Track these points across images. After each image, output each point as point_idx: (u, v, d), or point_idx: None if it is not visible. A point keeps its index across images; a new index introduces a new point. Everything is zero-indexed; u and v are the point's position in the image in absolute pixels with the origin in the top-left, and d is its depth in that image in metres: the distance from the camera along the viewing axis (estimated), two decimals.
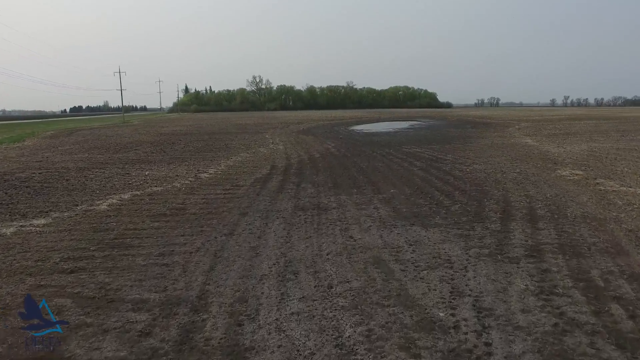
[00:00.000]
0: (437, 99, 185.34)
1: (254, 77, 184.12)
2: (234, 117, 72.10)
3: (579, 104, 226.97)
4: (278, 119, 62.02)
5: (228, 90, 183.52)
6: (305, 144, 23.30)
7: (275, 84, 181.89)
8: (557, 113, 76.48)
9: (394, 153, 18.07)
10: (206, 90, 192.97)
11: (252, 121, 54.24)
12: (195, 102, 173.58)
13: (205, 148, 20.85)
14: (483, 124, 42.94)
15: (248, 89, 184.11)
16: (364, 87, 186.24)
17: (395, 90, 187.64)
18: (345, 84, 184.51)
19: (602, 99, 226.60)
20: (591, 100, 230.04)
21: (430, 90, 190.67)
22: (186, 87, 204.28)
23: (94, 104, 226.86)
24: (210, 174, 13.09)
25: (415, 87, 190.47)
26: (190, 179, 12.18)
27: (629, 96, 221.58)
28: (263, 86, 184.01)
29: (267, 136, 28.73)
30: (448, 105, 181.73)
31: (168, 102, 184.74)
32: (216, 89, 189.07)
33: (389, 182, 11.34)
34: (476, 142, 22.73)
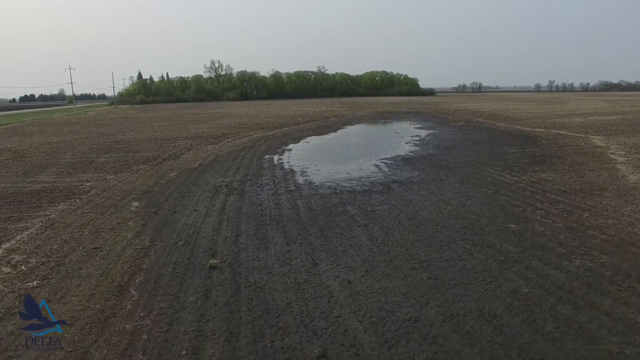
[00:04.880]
0: (418, 86, 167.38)
1: (212, 63, 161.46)
2: (149, 119, 51.31)
3: (565, 89, 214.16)
4: (206, 122, 41.89)
5: (182, 78, 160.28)
6: None
7: (237, 70, 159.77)
8: (578, 106, 59.44)
9: None
10: (163, 76, 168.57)
11: (152, 133, 33.88)
12: (143, 92, 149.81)
13: None
14: (529, 141, 24.30)
15: (205, 75, 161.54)
16: (337, 73, 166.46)
17: (371, 76, 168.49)
18: (316, 69, 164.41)
19: (588, 83, 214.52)
20: (577, 85, 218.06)
21: (410, 75, 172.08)
22: (139, 74, 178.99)
23: (47, 92, 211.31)
24: None
25: (394, 72, 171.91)
26: None
27: (615, 80, 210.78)
28: (223, 72, 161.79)
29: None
30: (431, 92, 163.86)
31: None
32: (174, 76, 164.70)
33: None
34: None
